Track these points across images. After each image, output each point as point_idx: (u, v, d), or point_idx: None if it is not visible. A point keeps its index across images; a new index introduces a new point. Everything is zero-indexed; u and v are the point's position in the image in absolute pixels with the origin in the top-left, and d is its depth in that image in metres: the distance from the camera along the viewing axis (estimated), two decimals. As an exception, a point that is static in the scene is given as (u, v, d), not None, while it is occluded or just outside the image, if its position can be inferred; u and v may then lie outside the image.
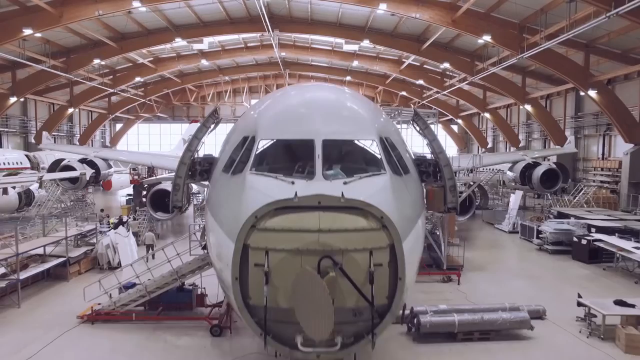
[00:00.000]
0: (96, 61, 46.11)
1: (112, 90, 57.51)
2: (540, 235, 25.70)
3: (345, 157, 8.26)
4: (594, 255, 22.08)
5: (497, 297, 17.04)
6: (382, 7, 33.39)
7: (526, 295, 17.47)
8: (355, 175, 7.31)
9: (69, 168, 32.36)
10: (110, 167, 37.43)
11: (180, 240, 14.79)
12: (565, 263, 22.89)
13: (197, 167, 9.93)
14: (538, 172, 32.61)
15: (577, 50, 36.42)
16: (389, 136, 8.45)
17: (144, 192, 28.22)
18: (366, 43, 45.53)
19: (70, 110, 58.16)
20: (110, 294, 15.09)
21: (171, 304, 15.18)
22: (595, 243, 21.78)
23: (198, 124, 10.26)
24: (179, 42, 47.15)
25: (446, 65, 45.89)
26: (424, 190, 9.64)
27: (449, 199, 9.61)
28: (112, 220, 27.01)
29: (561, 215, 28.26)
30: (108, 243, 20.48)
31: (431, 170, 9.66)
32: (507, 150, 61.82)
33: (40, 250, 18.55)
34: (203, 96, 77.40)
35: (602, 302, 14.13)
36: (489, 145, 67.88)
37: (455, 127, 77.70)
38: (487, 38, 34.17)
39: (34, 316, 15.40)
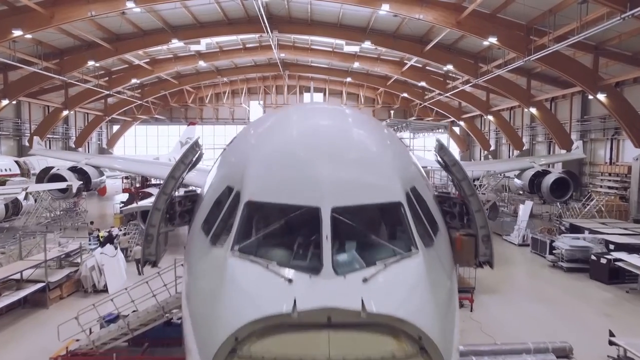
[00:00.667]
0: (91, 63, 44.70)
1: (107, 92, 56.18)
2: (554, 251, 24.23)
3: (361, 224, 5.91)
4: (615, 275, 20.54)
5: (514, 327, 15.76)
6: (385, 8, 32.16)
7: (545, 324, 16.13)
8: (378, 260, 5.37)
9: (58, 177, 31.05)
10: (102, 174, 36.08)
11: (166, 271, 13.41)
12: (583, 283, 21.44)
13: (177, 209, 8.14)
14: (548, 180, 31.28)
15: (585, 53, 35.09)
16: (414, 184, 6.53)
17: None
18: (367, 44, 44.12)
19: (65, 112, 56.73)
20: (90, 329, 13.61)
21: (158, 339, 13.69)
22: (616, 263, 20.16)
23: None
24: (176, 44, 45.75)
25: (449, 67, 44.57)
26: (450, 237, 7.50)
27: (481, 252, 7.67)
28: (102, 233, 25.60)
29: (574, 229, 26.83)
30: (93, 264, 18.94)
31: (457, 211, 7.82)
32: (510, 153, 60.51)
33: (16, 275, 16.97)
34: (201, 97, 76.10)
35: (638, 343, 12.66)
36: (492, 148, 66.53)
37: (457, 129, 76.36)
38: (492, 40, 32.85)
39: (3, 354, 13.89)
